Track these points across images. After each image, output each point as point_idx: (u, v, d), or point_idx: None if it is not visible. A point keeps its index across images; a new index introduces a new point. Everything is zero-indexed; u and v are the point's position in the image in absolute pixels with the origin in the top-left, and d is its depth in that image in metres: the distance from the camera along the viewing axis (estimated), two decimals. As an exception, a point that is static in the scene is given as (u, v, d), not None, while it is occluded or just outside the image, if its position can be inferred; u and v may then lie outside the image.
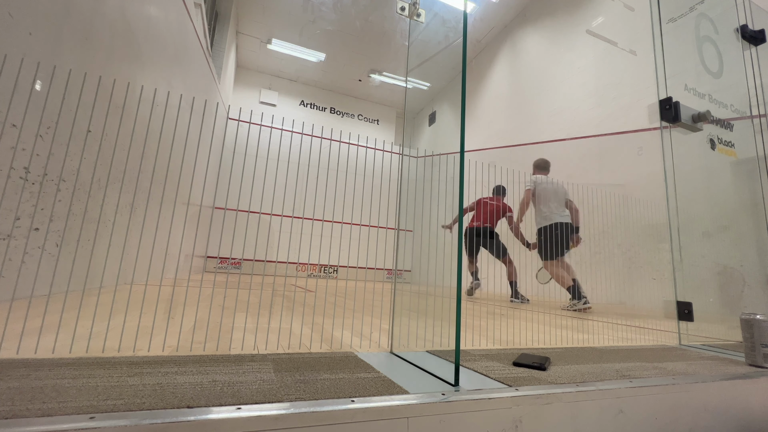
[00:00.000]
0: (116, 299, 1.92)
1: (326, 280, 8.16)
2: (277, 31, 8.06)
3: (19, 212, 1.68)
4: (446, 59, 1.19)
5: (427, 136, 10.66)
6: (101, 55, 2.31)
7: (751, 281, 1.71)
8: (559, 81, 6.27)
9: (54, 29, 1.84)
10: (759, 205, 1.70)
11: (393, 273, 2.98)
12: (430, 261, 3.85)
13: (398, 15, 1.22)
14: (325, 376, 0.73)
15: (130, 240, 2.86)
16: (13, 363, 0.68)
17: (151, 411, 0.51)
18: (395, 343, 1.09)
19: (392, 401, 0.61)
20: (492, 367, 0.90)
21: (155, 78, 3.27)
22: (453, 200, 0.86)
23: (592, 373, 0.91)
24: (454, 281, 0.83)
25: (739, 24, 1.81)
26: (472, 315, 2.30)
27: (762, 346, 1.14)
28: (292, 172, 7.92)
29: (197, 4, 4.68)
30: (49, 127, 1.75)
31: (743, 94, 1.77)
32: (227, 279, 4.82)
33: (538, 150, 6.45)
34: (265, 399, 0.58)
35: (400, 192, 1.89)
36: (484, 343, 1.31)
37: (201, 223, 6.43)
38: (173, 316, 1.46)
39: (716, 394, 0.92)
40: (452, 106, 9.50)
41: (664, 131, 1.57)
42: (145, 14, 2.95)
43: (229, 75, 7.96)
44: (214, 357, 0.83)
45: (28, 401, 0.51)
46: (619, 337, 1.70)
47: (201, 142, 4.67)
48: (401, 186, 1.79)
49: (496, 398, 0.68)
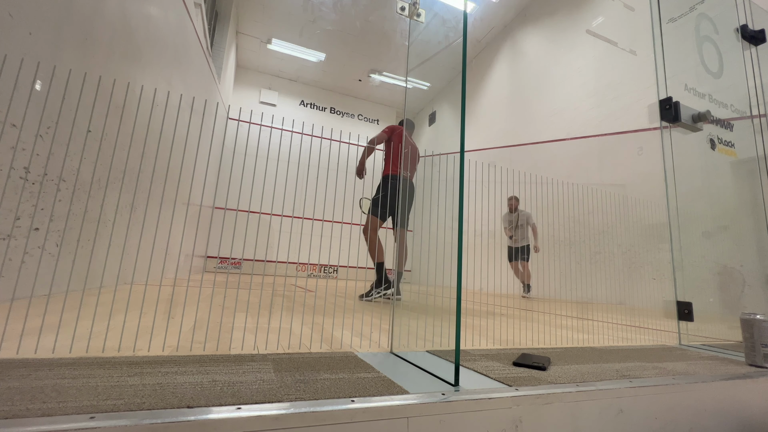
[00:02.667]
0: (116, 299, 1.92)
1: (326, 280, 8.16)
2: (277, 31, 8.06)
3: (19, 212, 1.68)
4: (446, 59, 1.19)
5: (427, 136, 10.66)
6: (101, 55, 2.31)
7: (751, 281, 1.71)
8: (559, 81, 6.27)
9: (54, 29, 1.84)
10: (759, 205, 1.70)
11: (393, 273, 2.99)
12: (430, 261, 3.86)
13: (398, 15, 1.22)
14: (325, 376, 0.73)
15: (130, 240, 2.86)
16: (13, 363, 0.68)
17: (151, 411, 0.51)
18: (395, 343, 1.09)
19: (392, 401, 0.61)
20: (492, 367, 0.90)
21: (155, 78, 3.27)
22: (453, 200, 0.86)
23: (592, 373, 0.91)
24: (454, 281, 0.83)
25: (739, 24, 1.81)
26: (472, 315, 2.30)
27: (762, 346, 1.14)
28: (292, 172, 7.92)
29: (197, 4, 4.68)
30: (49, 127, 1.75)
31: (743, 94, 1.77)
32: (227, 279, 4.82)
33: (538, 150, 6.46)
34: (265, 399, 0.58)
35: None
36: (484, 343, 1.31)
37: (201, 223, 6.43)
38: (173, 316, 1.46)
39: (716, 394, 0.92)
40: (452, 106, 9.51)
41: (664, 131, 1.57)
42: (145, 14, 2.95)
43: (229, 75, 7.96)
44: (214, 357, 0.83)
45: (28, 401, 0.51)
46: (619, 337, 1.70)
47: (201, 142, 4.67)
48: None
49: (496, 398, 0.68)
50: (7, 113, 1.51)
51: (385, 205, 2.94)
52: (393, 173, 3.02)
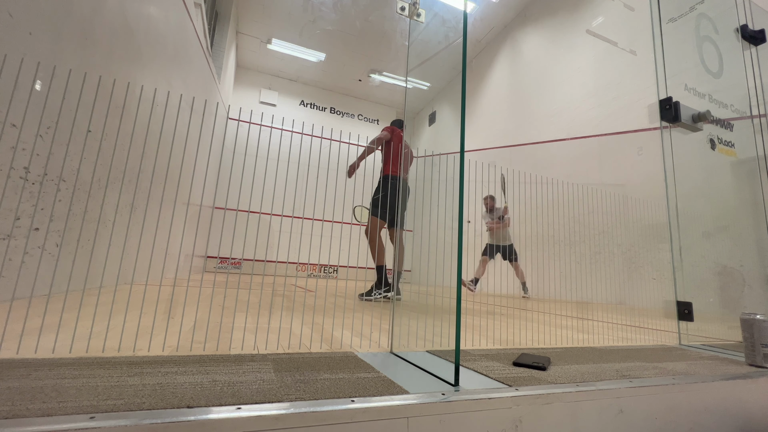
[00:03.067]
0: (116, 299, 1.92)
1: (326, 280, 8.16)
2: (277, 31, 8.06)
3: (19, 212, 1.68)
4: (446, 59, 1.19)
5: (427, 136, 10.66)
6: (101, 55, 2.31)
7: (751, 281, 1.71)
8: (559, 81, 6.27)
9: (54, 29, 1.84)
10: (759, 205, 1.70)
11: (393, 273, 3.02)
12: (430, 261, 3.87)
13: (398, 15, 1.22)
14: (325, 376, 0.73)
15: (130, 240, 2.86)
16: (13, 363, 0.68)
17: (151, 411, 0.51)
18: (395, 343, 1.09)
19: (392, 401, 0.61)
20: (492, 367, 0.90)
21: (155, 78, 3.27)
22: (453, 200, 0.86)
23: (592, 373, 0.91)
24: (454, 281, 0.83)
25: (739, 24, 1.81)
26: (472, 315, 2.30)
27: (762, 346, 1.14)
28: (292, 172, 7.92)
29: (197, 4, 4.68)
30: (49, 127, 1.75)
31: (743, 94, 1.77)
32: (227, 279, 4.82)
33: (538, 150, 6.46)
34: (265, 399, 0.58)
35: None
36: (484, 343, 1.31)
37: (201, 223, 6.43)
38: (173, 316, 1.46)
39: (716, 394, 0.92)
40: (452, 106, 9.50)
41: (664, 131, 1.57)
42: (145, 14, 2.95)
43: (229, 75, 7.96)
44: (214, 357, 0.83)
45: (28, 401, 0.51)
46: (619, 337, 1.70)
47: (201, 142, 4.67)
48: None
49: (496, 398, 0.68)
50: (7, 113, 1.51)
51: (385, 205, 2.94)
52: (393, 174, 3.00)
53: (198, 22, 4.73)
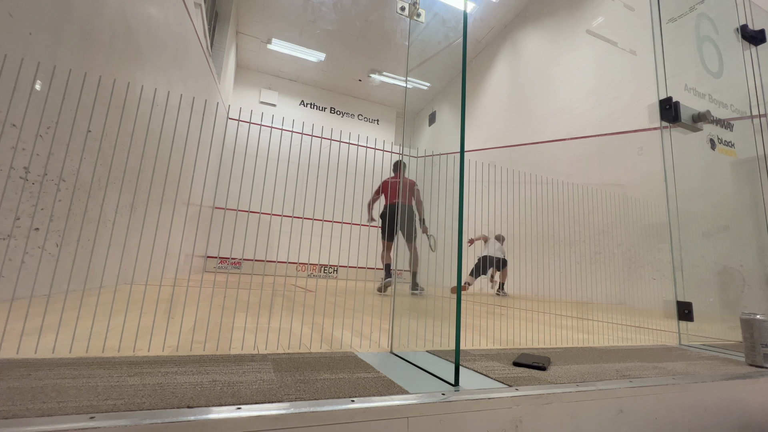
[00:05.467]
0: (116, 299, 1.92)
1: (326, 280, 8.16)
2: (277, 31, 8.06)
3: (19, 212, 1.68)
4: (446, 59, 1.19)
5: (427, 136, 10.66)
6: (101, 55, 2.31)
7: (751, 281, 1.71)
8: (559, 81, 6.27)
9: (54, 29, 1.84)
10: (759, 205, 1.70)
11: (393, 273, 3.14)
12: (429, 261, 3.87)
13: (398, 15, 1.22)
14: (325, 376, 0.73)
15: (130, 240, 2.86)
16: (13, 363, 0.68)
17: (151, 411, 0.51)
18: (395, 343, 1.09)
19: (392, 401, 0.61)
20: (492, 367, 0.90)
21: (155, 78, 3.27)
22: (453, 200, 0.86)
23: (592, 373, 0.91)
24: (454, 281, 0.83)
25: (739, 24, 1.81)
26: (472, 315, 2.30)
27: (762, 346, 1.14)
28: (292, 172, 7.92)
29: (197, 4, 4.68)
30: (49, 127, 1.75)
31: (743, 94, 1.77)
32: (227, 279, 4.82)
33: (538, 150, 6.46)
34: (265, 399, 0.58)
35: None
36: (484, 343, 1.31)
37: (201, 223, 6.43)
38: (173, 316, 1.46)
39: (716, 394, 0.92)
40: (452, 106, 9.50)
41: (664, 131, 1.57)
42: (145, 14, 2.95)
43: (229, 75, 7.96)
44: (214, 357, 0.83)
45: (28, 401, 0.51)
46: (619, 337, 1.70)
47: (201, 142, 4.67)
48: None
49: (496, 398, 0.68)
50: (7, 113, 1.51)
51: (384, 229, 3.99)
52: (392, 202, 4.01)
53: (198, 22, 4.73)
